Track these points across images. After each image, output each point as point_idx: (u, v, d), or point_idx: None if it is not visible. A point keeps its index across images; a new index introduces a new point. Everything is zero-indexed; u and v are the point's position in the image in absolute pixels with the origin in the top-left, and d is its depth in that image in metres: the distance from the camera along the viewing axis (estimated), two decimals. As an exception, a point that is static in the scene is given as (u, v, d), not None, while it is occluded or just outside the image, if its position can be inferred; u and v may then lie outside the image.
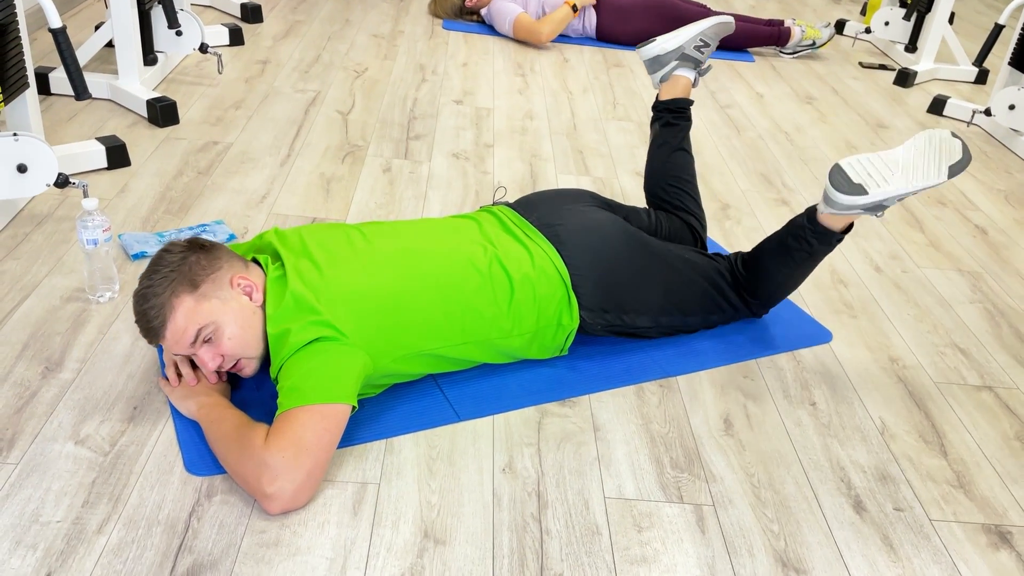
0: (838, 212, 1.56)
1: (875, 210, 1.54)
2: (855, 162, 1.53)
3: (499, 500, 1.34)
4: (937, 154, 1.51)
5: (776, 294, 1.75)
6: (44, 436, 1.36)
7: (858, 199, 1.52)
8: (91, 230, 1.62)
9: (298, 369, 1.32)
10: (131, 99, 2.54)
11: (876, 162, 1.53)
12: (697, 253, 1.75)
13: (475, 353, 1.53)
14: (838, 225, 1.60)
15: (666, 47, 1.96)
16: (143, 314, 1.34)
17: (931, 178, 1.50)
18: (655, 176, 1.99)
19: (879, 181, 1.51)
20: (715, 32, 1.97)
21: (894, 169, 1.52)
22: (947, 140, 1.52)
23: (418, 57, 3.37)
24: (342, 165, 2.39)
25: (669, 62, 1.97)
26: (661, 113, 2.00)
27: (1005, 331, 1.94)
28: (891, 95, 3.50)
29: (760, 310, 1.79)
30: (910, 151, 1.53)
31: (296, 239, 1.51)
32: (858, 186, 1.51)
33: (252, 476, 1.24)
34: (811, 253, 1.66)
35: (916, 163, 1.51)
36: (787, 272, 1.70)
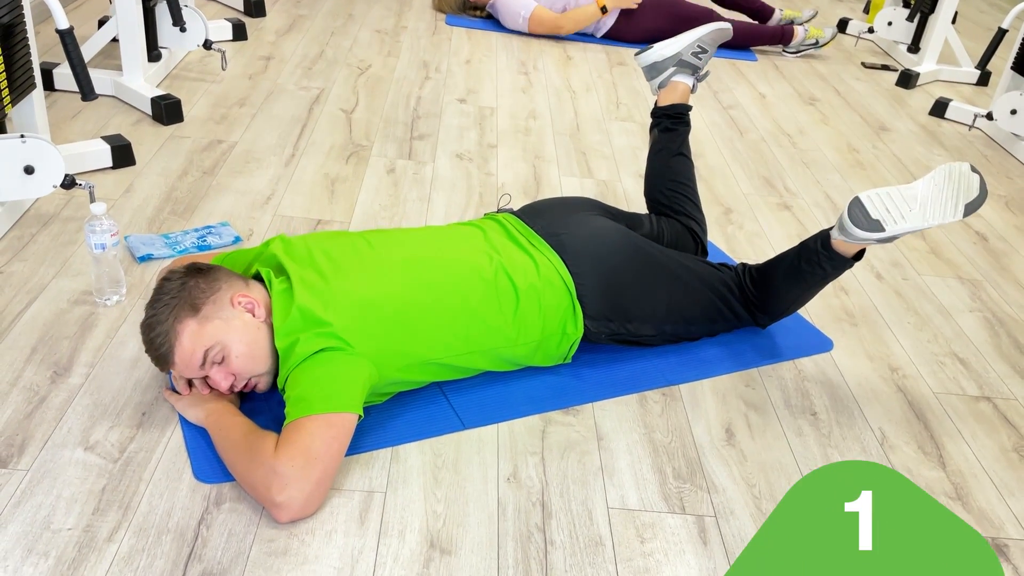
0: (852, 242, 1.58)
1: (888, 241, 1.56)
2: (875, 196, 1.53)
3: (504, 510, 1.35)
4: (955, 191, 1.52)
5: (786, 311, 1.78)
6: (54, 442, 1.37)
7: (873, 235, 1.53)
8: (99, 234, 1.63)
9: (305, 379, 1.33)
10: (135, 96, 2.54)
11: (896, 197, 1.53)
12: (701, 263, 1.76)
13: (480, 362, 1.54)
14: (851, 252, 1.62)
15: (664, 53, 1.97)
16: (150, 343, 1.36)
17: (947, 216, 1.51)
18: (655, 181, 2.01)
19: (896, 218, 1.52)
20: (713, 39, 1.98)
21: (912, 205, 1.52)
22: (966, 175, 1.52)
23: (421, 54, 3.37)
24: (346, 165, 2.40)
25: (667, 68, 1.99)
26: (660, 119, 2.02)
27: (1004, 340, 1.96)
28: (893, 96, 3.51)
29: (765, 321, 1.81)
30: (929, 186, 1.53)
31: (302, 247, 1.52)
32: (876, 222, 1.52)
33: (262, 485, 1.25)
34: (824, 277, 1.68)
35: (934, 199, 1.52)
36: (798, 292, 1.73)
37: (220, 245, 1.94)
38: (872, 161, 2.86)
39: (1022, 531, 1.44)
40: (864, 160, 2.86)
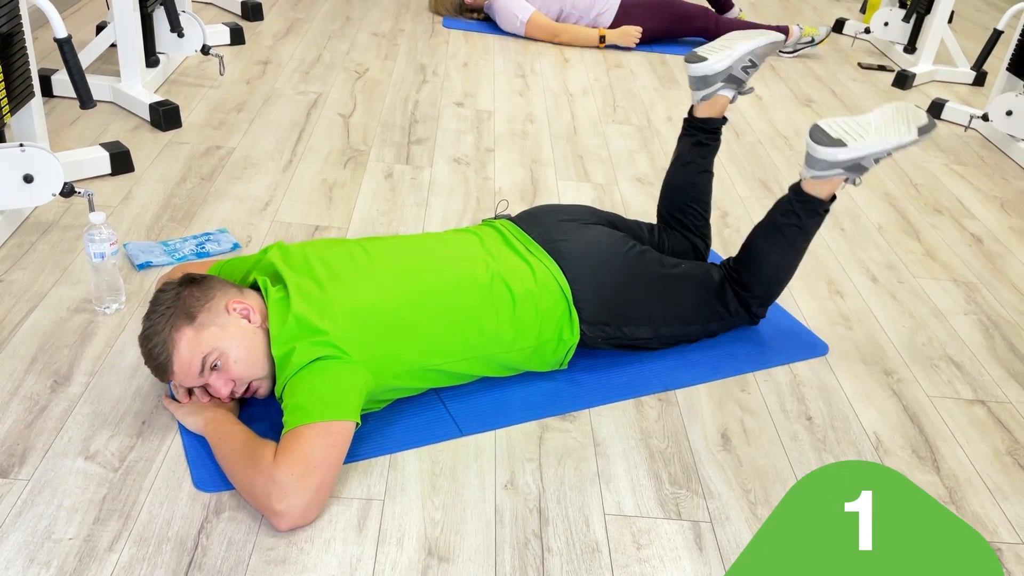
0: (820, 173, 1.64)
1: (853, 171, 1.63)
2: (832, 122, 1.65)
3: (501, 517, 1.37)
4: (906, 119, 1.65)
5: (770, 283, 1.78)
6: (54, 452, 1.39)
7: (838, 151, 1.61)
8: (98, 244, 1.64)
9: (302, 387, 1.35)
10: (134, 102, 2.55)
11: (851, 123, 1.64)
12: (693, 262, 1.78)
13: (476, 367, 1.56)
14: (822, 192, 1.68)
15: (715, 67, 1.87)
16: (149, 353, 1.37)
17: (903, 136, 1.62)
18: (676, 194, 1.96)
19: (856, 136, 1.61)
20: (765, 51, 1.89)
21: (868, 129, 1.63)
22: (912, 109, 1.67)
23: (419, 57, 3.37)
24: (344, 171, 2.41)
25: (716, 83, 1.88)
26: (695, 131, 1.94)
27: (998, 343, 1.97)
28: (890, 97, 3.51)
29: (759, 309, 1.81)
30: (880, 115, 1.65)
31: (299, 255, 1.53)
32: (837, 140, 1.61)
33: (261, 494, 1.26)
34: (800, 227, 1.71)
35: (887, 124, 1.64)
36: (779, 253, 1.75)
37: (219, 252, 1.96)
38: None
39: (1016, 535, 1.45)
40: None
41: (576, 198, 2.41)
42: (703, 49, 1.90)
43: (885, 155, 1.63)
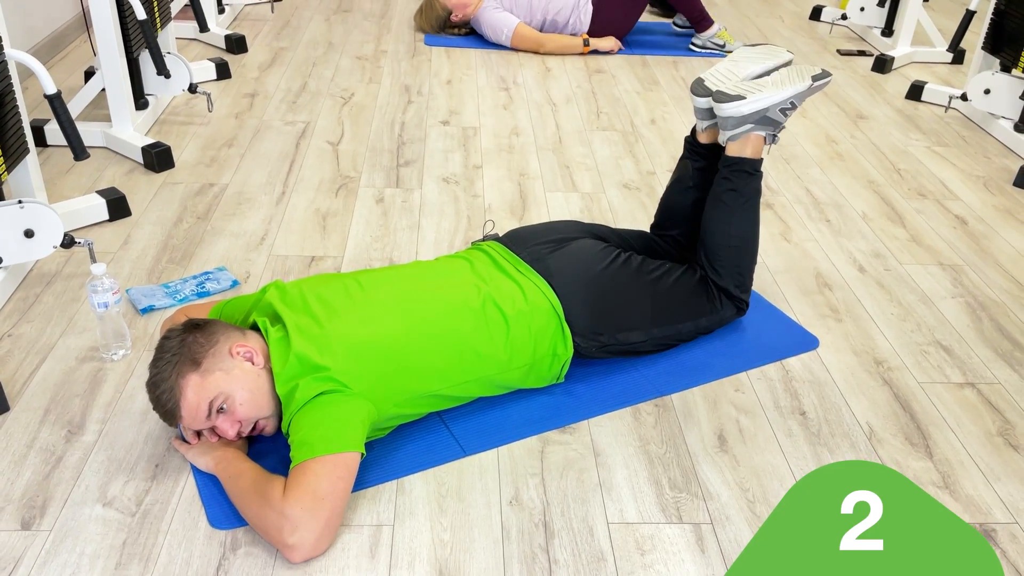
0: (735, 131, 1.74)
1: (764, 124, 1.71)
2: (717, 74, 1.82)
3: (508, 533, 1.41)
4: (799, 72, 1.77)
5: (732, 259, 1.81)
6: (73, 501, 1.43)
7: (740, 105, 1.71)
8: (101, 294, 1.69)
9: (306, 423, 1.39)
10: (126, 146, 2.61)
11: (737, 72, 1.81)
12: (673, 263, 1.82)
13: (474, 389, 1.60)
14: (746, 151, 1.77)
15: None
16: (157, 400, 1.42)
17: (798, 84, 1.74)
18: (675, 217, 1.95)
19: (753, 90, 1.73)
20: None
21: (764, 84, 1.74)
22: (806, 65, 1.82)
23: (402, 78, 3.42)
24: (336, 199, 2.46)
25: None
26: (698, 157, 1.90)
27: (986, 324, 2.01)
28: (869, 83, 3.55)
29: (741, 294, 1.85)
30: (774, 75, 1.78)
31: (296, 293, 1.58)
32: (736, 96, 1.73)
33: (273, 528, 1.31)
34: (737, 189, 1.79)
35: (783, 79, 1.75)
36: (726, 222, 1.81)
37: (219, 290, 2.00)
38: (851, 151, 2.91)
39: (1009, 515, 1.49)
40: (843, 151, 2.91)
41: (565, 209, 2.46)
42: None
43: (788, 105, 1.69)
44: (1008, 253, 2.32)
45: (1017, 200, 2.61)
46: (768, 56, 1.85)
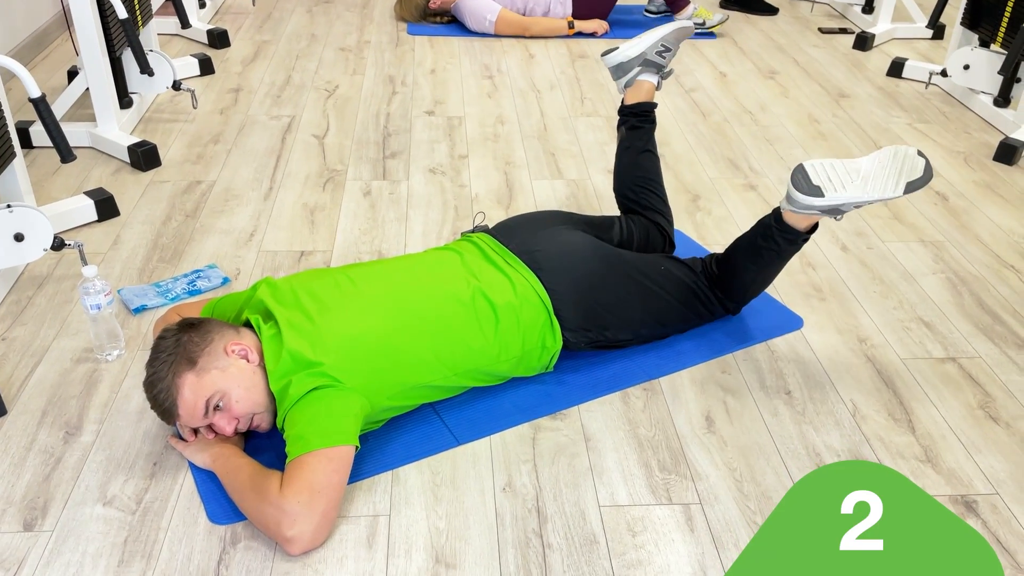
0: (798, 211, 1.65)
1: (833, 213, 1.62)
2: (818, 165, 1.60)
3: (502, 519, 1.44)
4: (899, 170, 1.57)
5: (748, 292, 1.85)
6: (74, 501, 1.46)
7: (815, 200, 1.60)
8: (93, 296, 1.70)
9: (301, 417, 1.42)
10: (112, 146, 2.61)
11: (839, 168, 1.60)
12: (671, 260, 1.84)
13: (466, 380, 1.63)
14: (802, 225, 1.68)
15: (628, 54, 2.05)
16: (154, 399, 1.44)
17: (887, 191, 1.56)
18: (623, 178, 2.09)
19: (837, 186, 1.58)
20: (676, 37, 2.05)
21: (854, 177, 1.58)
22: (911, 158, 1.57)
23: (386, 68, 3.43)
24: (323, 193, 2.47)
25: (632, 68, 2.06)
26: (627, 117, 2.10)
27: (966, 299, 2.04)
28: (851, 60, 3.58)
29: (735, 308, 1.89)
30: (873, 163, 1.59)
31: (287, 290, 1.60)
32: (816, 188, 1.59)
33: (272, 522, 1.34)
34: (779, 252, 1.74)
35: (876, 174, 1.57)
36: (756, 270, 1.80)
37: (210, 288, 2.02)
38: (833, 131, 2.93)
39: (990, 486, 1.53)
40: (825, 131, 2.93)
41: (551, 196, 2.48)
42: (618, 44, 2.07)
43: (866, 204, 1.59)
44: (988, 228, 2.35)
45: (997, 175, 2.65)
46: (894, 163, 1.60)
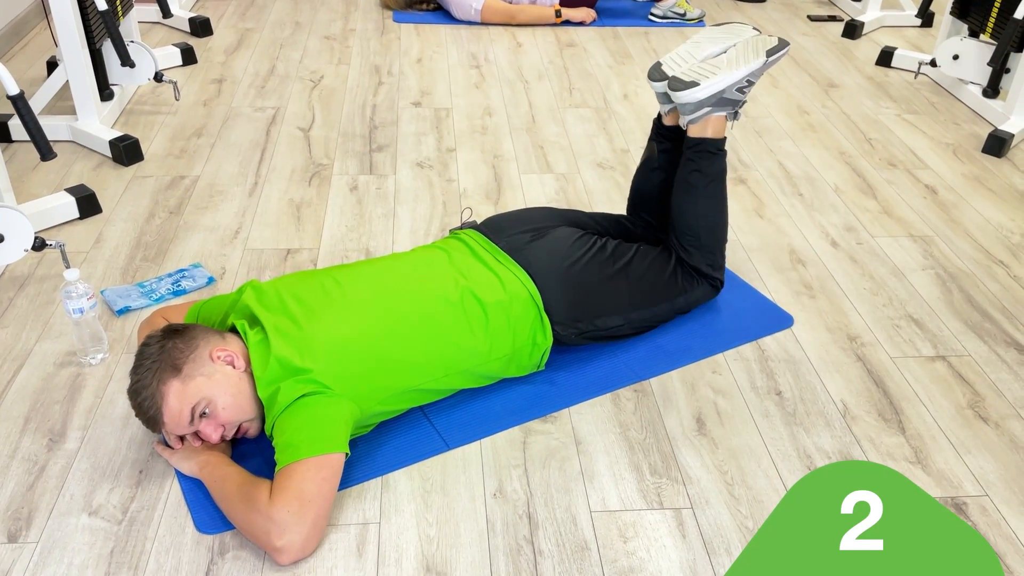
0: (694, 116, 1.74)
1: (722, 105, 1.70)
2: (674, 58, 1.79)
3: (493, 526, 1.43)
4: (754, 48, 1.73)
5: (705, 237, 1.83)
6: (59, 511, 1.44)
7: (695, 91, 1.71)
8: (76, 300, 1.68)
9: (290, 425, 1.40)
10: (93, 140, 2.57)
11: (694, 54, 1.78)
12: (645, 245, 1.84)
13: (456, 382, 1.62)
14: (707, 132, 1.77)
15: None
16: (139, 407, 1.42)
17: (752, 63, 1.72)
18: (647, 199, 1.96)
19: (708, 74, 1.71)
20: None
21: (719, 66, 1.72)
22: (763, 37, 1.76)
23: (372, 57, 3.38)
24: (309, 188, 2.44)
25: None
26: (663, 139, 1.90)
27: (956, 296, 2.04)
28: (840, 49, 3.56)
29: (714, 272, 1.86)
30: (731, 53, 1.74)
31: (273, 294, 1.57)
32: (691, 83, 1.72)
33: (261, 532, 1.32)
34: (702, 170, 1.79)
35: (738, 56, 1.73)
36: (693, 201, 1.82)
37: (194, 288, 2.00)
38: (823, 122, 2.92)
39: (979, 487, 1.53)
40: (815, 122, 2.92)
41: (540, 191, 2.46)
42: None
43: (745, 83, 1.68)
44: (977, 222, 2.35)
45: (985, 167, 2.65)
46: (728, 35, 1.82)
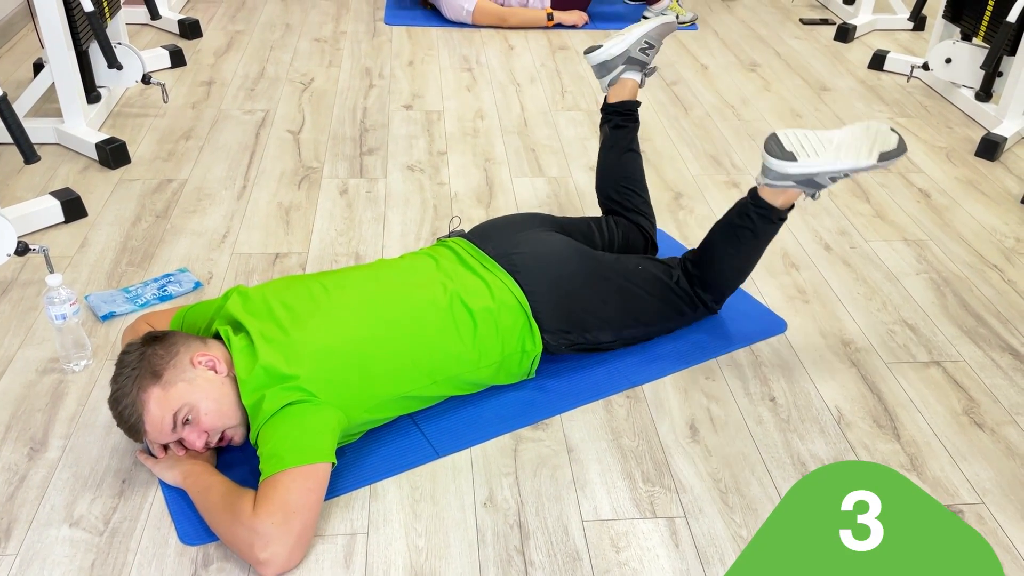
0: (773, 183, 1.64)
1: (808, 186, 1.62)
2: (791, 133, 1.62)
3: (483, 536, 1.41)
4: (871, 141, 1.59)
5: (727, 282, 1.81)
6: (39, 522, 1.41)
7: (788, 166, 1.60)
8: (58, 305, 1.65)
9: (275, 434, 1.37)
10: (79, 143, 2.53)
11: (811, 136, 1.62)
12: (650, 260, 1.81)
13: (445, 389, 1.59)
14: (777, 201, 1.68)
15: (612, 52, 2.01)
16: (119, 416, 1.39)
17: (861, 160, 1.58)
18: (606, 178, 2.05)
19: (810, 152, 1.60)
20: (659, 33, 2.02)
21: (827, 146, 1.60)
22: (884, 132, 1.59)
23: (363, 60, 3.36)
24: (299, 191, 2.42)
25: (616, 67, 2.02)
26: (610, 116, 2.06)
27: (950, 300, 2.03)
28: (833, 53, 3.55)
29: (715, 305, 1.86)
30: (846, 134, 1.61)
31: (259, 300, 1.55)
32: (789, 153, 1.60)
33: (245, 544, 1.30)
34: (754, 232, 1.72)
35: (849, 144, 1.59)
36: (733, 254, 1.77)
37: (181, 293, 1.97)
38: (815, 125, 2.91)
39: (975, 495, 1.52)
40: (807, 125, 2.91)
41: (531, 195, 2.43)
42: (601, 41, 2.06)
43: (841, 175, 1.59)
44: (970, 226, 2.34)
45: (979, 171, 2.63)
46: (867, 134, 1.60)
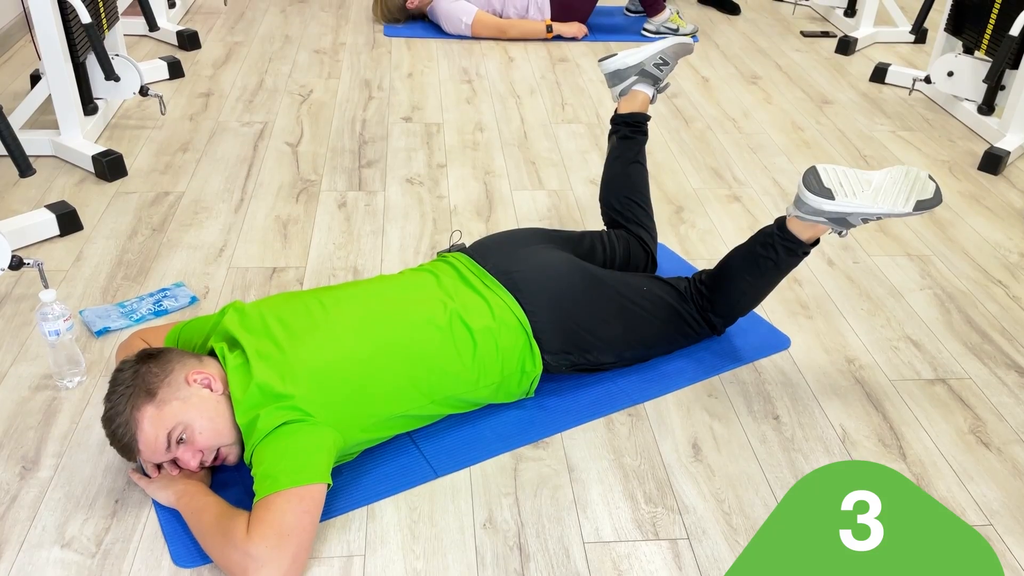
0: (805, 216, 1.60)
1: (838, 224, 1.59)
2: (831, 169, 1.58)
3: (482, 558, 1.38)
4: (910, 187, 1.56)
5: (737, 307, 1.78)
6: (30, 543, 1.38)
7: (824, 203, 1.56)
8: (52, 321, 1.62)
9: (269, 454, 1.35)
10: (76, 155, 2.52)
11: (851, 175, 1.58)
12: (654, 280, 1.78)
13: (443, 408, 1.57)
14: (805, 235, 1.64)
15: (627, 62, 2.03)
16: (113, 435, 1.37)
17: (898, 206, 1.54)
18: (610, 189, 2.04)
19: (848, 192, 1.56)
20: (675, 52, 2.04)
21: (865, 188, 1.56)
22: (922, 180, 1.57)
23: (362, 72, 3.35)
24: (297, 204, 2.39)
25: (628, 77, 2.04)
26: (619, 126, 2.06)
27: (955, 317, 2.01)
28: (834, 65, 3.54)
29: (723, 329, 1.83)
30: (885, 177, 1.58)
31: (256, 316, 1.52)
32: (827, 190, 1.56)
33: (238, 568, 1.27)
34: (776, 263, 1.69)
35: (888, 188, 1.56)
36: (750, 282, 1.73)
37: (177, 308, 1.94)
38: (817, 139, 2.89)
39: (983, 516, 1.49)
40: (809, 138, 2.89)
41: (531, 208, 2.42)
42: (617, 51, 2.09)
43: (874, 218, 1.57)
44: (974, 240, 2.32)
45: (981, 185, 2.62)
46: (906, 180, 1.58)
